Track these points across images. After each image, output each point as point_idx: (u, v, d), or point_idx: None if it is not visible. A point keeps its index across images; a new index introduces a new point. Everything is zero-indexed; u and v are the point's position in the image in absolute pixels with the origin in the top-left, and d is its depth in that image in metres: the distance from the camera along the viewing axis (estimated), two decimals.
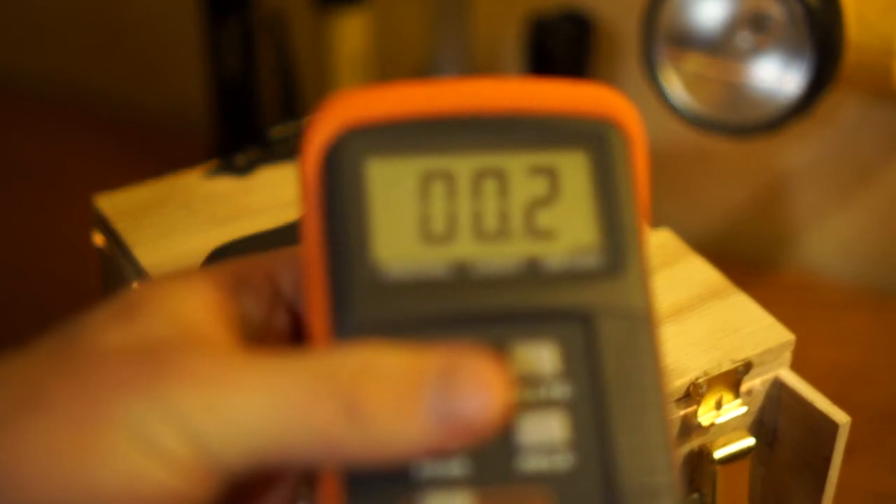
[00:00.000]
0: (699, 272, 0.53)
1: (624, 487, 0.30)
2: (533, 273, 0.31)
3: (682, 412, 0.48)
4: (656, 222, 0.56)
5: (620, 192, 0.32)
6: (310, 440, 0.28)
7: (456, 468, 0.29)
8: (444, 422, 0.28)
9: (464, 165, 0.31)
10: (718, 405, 0.49)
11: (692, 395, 0.48)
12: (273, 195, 0.56)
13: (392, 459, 0.28)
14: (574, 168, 0.32)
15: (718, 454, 0.49)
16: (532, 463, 0.30)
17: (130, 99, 0.91)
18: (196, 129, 0.83)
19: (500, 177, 0.32)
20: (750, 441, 0.50)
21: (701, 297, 0.52)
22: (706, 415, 0.49)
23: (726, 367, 0.48)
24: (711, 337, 0.50)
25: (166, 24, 0.89)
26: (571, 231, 0.31)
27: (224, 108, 0.61)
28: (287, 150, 0.58)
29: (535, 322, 0.31)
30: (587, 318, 0.31)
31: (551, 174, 0.32)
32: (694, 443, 0.49)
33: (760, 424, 0.51)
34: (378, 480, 0.29)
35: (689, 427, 0.49)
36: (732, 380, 0.49)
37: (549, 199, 0.32)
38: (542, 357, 0.30)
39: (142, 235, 0.53)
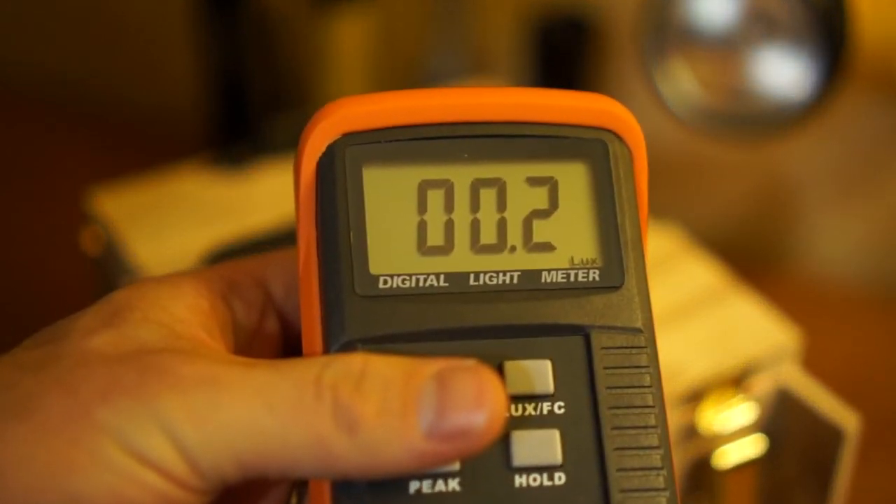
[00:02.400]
0: (704, 269, 0.53)
1: None
2: (530, 287, 0.31)
3: (684, 417, 0.48)
4: (663, 219, 0.56)
5: (621, 205, 0.31)
6: (299, 448, 0.28)
7: (447, 484, 0.29)
8: (437, 431, 0.28)
9: (462, 175, 0.31)
10: (721, 408, 0.48)
11: (694, 398, 0.48)
12: (271, 192, 0.56)
13: (384, 468, 0.28)
14: (574, 180, 0.32)
15: (723, 463, 0.49)
16: (525, 480, 0.29)
17: (127, 97, 0.91)
18: (190, 127, 0.82)
19: (499, 187, 0.31)
20: (755, 449, 0.49)
21: (705, 296, 0.52)
22: (709, 420, 0.48)
23: (728, 367, 0.48)
24: (714, 336, 0.49)
25: (160, 22, 0.89)
26: (570, 244, 0.31)
27: (217, 105, 0.61)
28: (280, 145, 0.58)
29: (531, 336, 0.30)
30: (584, 334, 0.30)
31: (551, 185, 0.31)
32: (697, 449, 0.49)
33: (766, 428, 0.50)
34: (369, 495, 0.29)
35: (692, 433, 0.48)
36: (735, 381, 0.48)
37: (548, 211, 0.31)
38: (537, 372, 0.30)
39: (138, 233, 0.54)
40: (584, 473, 0.29)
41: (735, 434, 0.49)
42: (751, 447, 0.50)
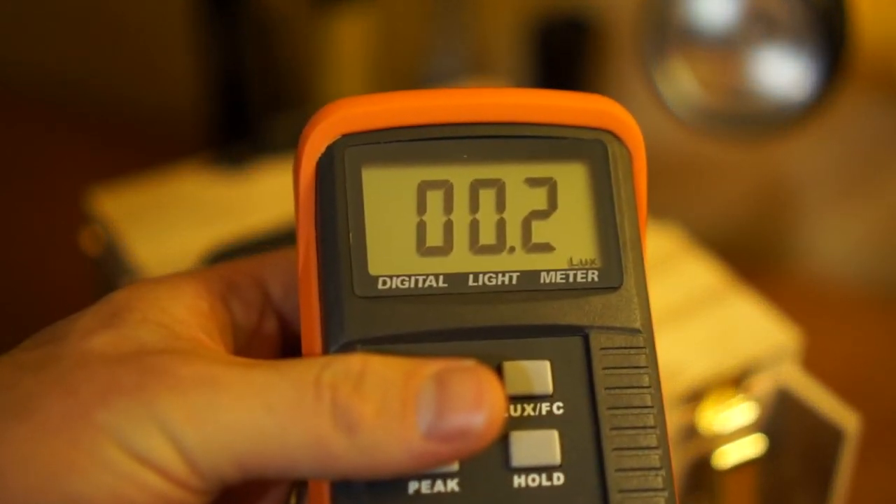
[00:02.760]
0: (704, 269, 0.53)
1: None
2: (529, 287, 0.31)
3: (684, 417, 0.48)
4: (663, 219, 0.56)
5: (620, 206, 0.31)
6: (298, 448, 0.28)
7: (446, 485, 0.29)
8: (436, 431, 0.28)
9: (461, 176, 0.31)
10: (721, 408, 0.48)
11: (694, 398, 0.48)
12: (271, 192, 0.57)
13: (383, 468, 0.28)
14: (573, 180, 0.32)
15: (723, 463, 0.49)
16: (523, 480, 0.29)
17: (127, 97, 0.91)
18: (190, 127, 0.82)
19: (498, 188, 0.31)
20: (755, 449, 0.49)
21: (705, 296, 0.52)
22: (709, 420, 0.48)
23: (728, 367, 0.48)
24: (714, 336, 0.49)
25: (160, 22, 0.88)
26: (569, 245, 0.31)
27: (217, 105, 0.61)
28: (280, 145, 0.58)
29: (530, 337, 0.30)
30: (583, 335, 0.30)
31: (550, 186, 0.31)
32: (697, 449, 0.49)
33: (766, 428, 0.50)
34: (368, 495, 0.29)
35: (692, 433, 0.48)
36: (735, 381, 0.48)
37: (547, 211, 0.31)
38: (536, 373, 0.30)
39: (138, 233, 0.54)
40: (583, 474, 0.29)
41: (735, 434, 0.49)
42: (751, 447, 0.50)
